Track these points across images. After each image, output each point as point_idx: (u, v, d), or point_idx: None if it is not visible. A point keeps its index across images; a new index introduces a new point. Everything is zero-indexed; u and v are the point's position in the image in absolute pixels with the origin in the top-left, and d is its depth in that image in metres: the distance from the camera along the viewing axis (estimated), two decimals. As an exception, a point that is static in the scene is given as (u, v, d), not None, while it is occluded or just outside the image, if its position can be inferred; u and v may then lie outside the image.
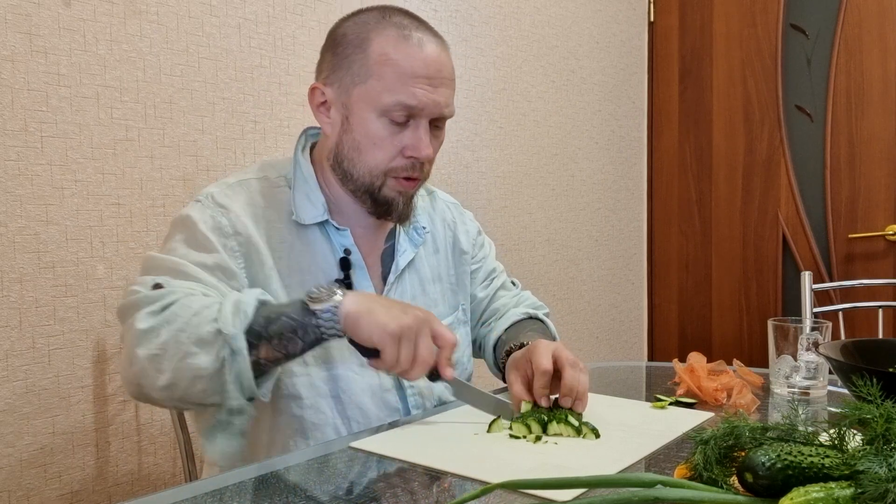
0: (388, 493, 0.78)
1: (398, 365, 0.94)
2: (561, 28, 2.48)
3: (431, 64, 1.07)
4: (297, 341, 0.94)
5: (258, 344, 0.92)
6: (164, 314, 0.92)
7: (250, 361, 0.91)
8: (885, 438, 0.64)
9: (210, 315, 0.91)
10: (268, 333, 0.92)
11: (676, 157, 2.89)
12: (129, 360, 0.93)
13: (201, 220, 1.05)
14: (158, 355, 0.91)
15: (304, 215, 1.11)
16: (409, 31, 1.07)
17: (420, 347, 0.94)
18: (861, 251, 2.52)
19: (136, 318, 0.93)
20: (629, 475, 0.70)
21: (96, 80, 1.35)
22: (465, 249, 1.30)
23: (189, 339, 0.90)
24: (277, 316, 0.93)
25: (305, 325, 0.93)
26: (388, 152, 1.08)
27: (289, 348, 0.94)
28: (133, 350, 0.92)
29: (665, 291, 2.96)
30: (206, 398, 0.93)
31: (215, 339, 0.90)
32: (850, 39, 2.49)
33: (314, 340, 0.95)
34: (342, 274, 1.12)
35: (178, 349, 0.90)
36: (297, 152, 1.16)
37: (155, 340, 0.91)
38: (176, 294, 0.94)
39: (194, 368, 0.90)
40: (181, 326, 0.91)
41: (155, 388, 0.92)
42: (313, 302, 0.93)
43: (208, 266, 1.02)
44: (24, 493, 1.29)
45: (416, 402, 1.14)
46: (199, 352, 0.90)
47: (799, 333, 1.15)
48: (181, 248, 1.03)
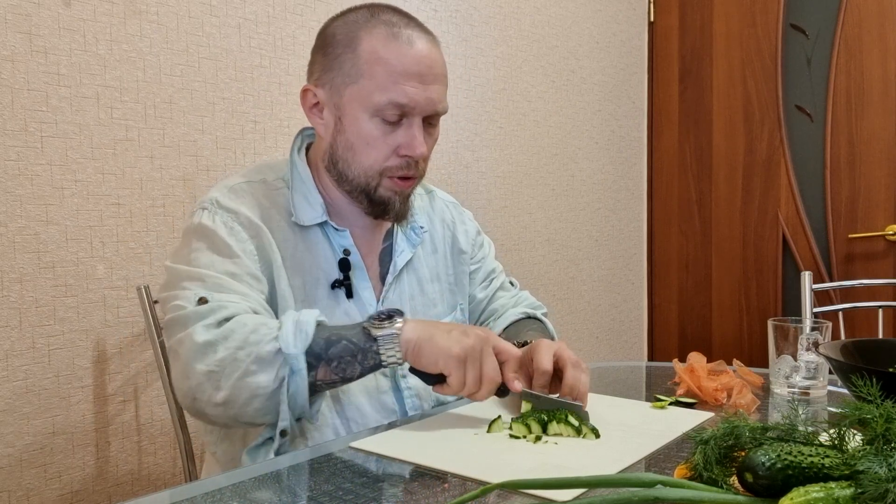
0: (389, 494, 0.78)
1: (466, 387, 0.95)
2: (561, 28, 2.48)
3: (422, 61, 1.06)
4: (355, 365, 0.95)
5: (317, 365, 0.93)
6: (220, 329, 0.93)
7: (308, 382, 0.92)
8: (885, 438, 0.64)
9: (270, 334, 0.92)
10: (328, 356, 0.93)
11: (676, 157, 2.89)
12: (185, 374, 0.94)
13: (217, 228, 1.05)
14: (216, 371, 0.91)
15: (304, 217, 1.11)
16: (399, 29, 1.07)
17: (485, 367, 0.96)
18: (861, 251, 2.52)
19: (194, 331, 0.93)
20: (629, 475, 0.70)
21: (96, 80, 1.35)
22: (463, 249, 1.30)
23: (248, 356, 0.91)
24: (338, 339, 0.94)
25: (366, 351, 0.94)
26: (382, 152, 1.08)
27: (347, 372, 0.95)
28: (191, 364, 0.92)
29: (665, 291, 2.96)
30: (258, 417, 0.94)
31: (275, 357, 0.91)
32: (850, 39, 2.49)
33: (373, 366, 0.96)
34: (342, 275, 1.12)
35: (237, 367, 0.91)
36: (294, 153, 1.16)
37: (213, 356, 0.92)
38: (228, 309, 0.95)
39: (253, 387, 0.91)
40: (239, 344, 0.92)
41: (210, 403, 0.93)
42: (374, 328, 0.94)
43: (237, 275, 1.02)
44: (24, 493, 1.29)
45: (413, 403, 1.14)
46: (259, 370, 0.91)
47: (799, 333, 1.15)
48: (204, 256, 1.03)
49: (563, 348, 1.06)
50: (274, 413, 0.94)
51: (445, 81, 1.11)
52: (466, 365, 0.94)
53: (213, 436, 1.11)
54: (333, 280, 1.11)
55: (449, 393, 0.98)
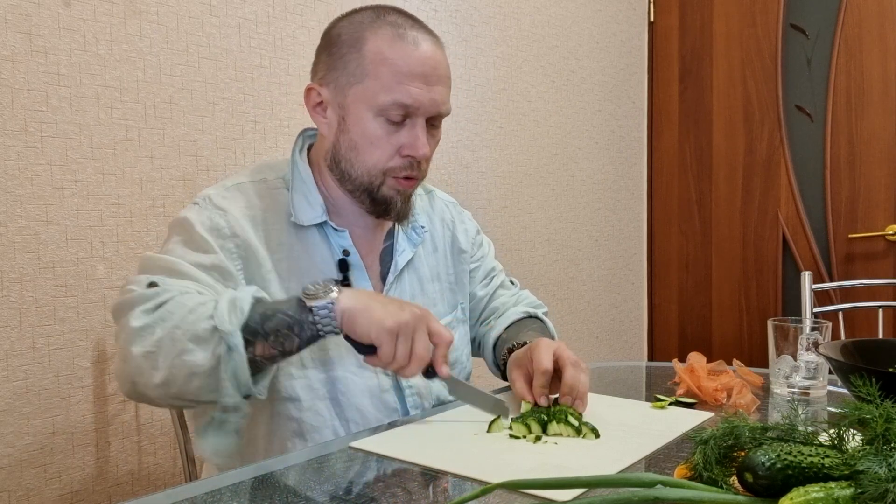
0: (388, 494, 0.78)
1: (394, 361, 0.94)
2: (561, 28, 2.48)
3: (427, 62, 1.07)
4: (293, 338, 0.93)
5: (254, 341, 0.92)
6: (158, 312, 0.92)
7: (247, 359, 0.90)
8: (885, 438, 0.64)
9: (206, 312, 0.91)
10: (264, 330, 0.92)
11: (676, 157, 2.89)
12: (124, 358, 0.93)
13: (198, 222, 1.05)
14: (153, 353, 0.90)
15: (303, 217, 1.11)
16: (404, 30, 1.07)
17: (416, 344, 0.94)
18: (861, 251, 2.52)
19: (131, 315, 0.92)
20: (629, 475, 0.70)
21: (96, 80, 1.35)
22: (463, 248, 1.30)
23: (185, 335, 0.90)
24: (273, 313, 0.93)
25: (302, 322, 0.93)
26: (385, 152, 1.08)
27: (285, 345, 0.94)
28: (127, 348, 0.91)
29: (665, 291, 2.96)
30: (201, 395, 0.92)
31: (211, 335, 0.90)
32: (850, 39, 2.49)
33: (310, 337, 0.94)
34: (341, 275, 1.12)
35: (174, 346, 0.90)
36: (295, 153, 1.16)
37: (150, 338, 0.91)
38: (171, 292, 0.94)
39: (190, 365, 0.89)
40: (176, 323, 0.90)
41: (150, 385, 0.91)
42: (309, 299, 0.93)
43: (205, 266, 1.01)
44: (24, 493, 1.29)
45: (414, 402, 1.14)
46: (195, 348, 0.90)
47: (799, 333, 1.15)
48: (178, 248, 1.03)
49: (562, 348, 1.06)
50: (215, 391, 0.91)
51: (449, 83, 1.12)
52: (398, 339, 0.93)
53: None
54: (332, 279, 1.11)
55: (377, 364, 0.96)
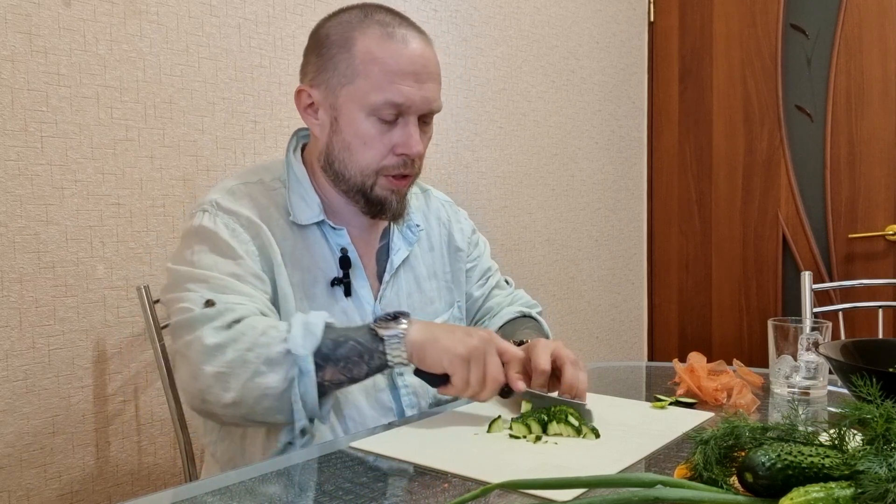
0: (389, 494, 0.78)
1: (469, 388, 0.96)
2: (561, 28, 2.48)
3: (417, 60, 1.07)
4: (362, 366, 0.96)
5: (325, 366, 0.94)
6: (230, 332, 0.94)
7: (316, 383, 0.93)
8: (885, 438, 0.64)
9: (279, 335, 0.93)
10: (335, 356, 0.95)
11: (676, 157, 2.89)
12: (194, 376, 0.94)
13: (218, 229, 1.05)
14: (226, 373, 0.92)
15: (301, 216, 1.11)
16: (393, 29, 1.07)
17: (489, 367, 0.96)
18: (861, 251, 2.52)
19: (203, 333, 0.94)
20: (629, 475, 0.70)
21: (96, 80, 1.35)
22: (460, 247, 1.31)
23: (258, 358, 0.92)
24: (345, 340, 0.96)
25: (372, 351, 0.95)
26: (378, 151, 1.08)
27: (354, 372, 0.96)
28: (200, 366, 0.93)
29: (665, 291, 2.96)
30: (269, 416, 0.95)
31: (284, 358, 0.92)
32: (850, 39, 2.49)
33: (379, 366, 0.97)
34: (341, 272, 1.12)
35: (246, 368, 0.92)
36: (289, 154, 1.17)
37: (222, 358, 0.93)
38: (236, 311, 0.96)
39: (263, 387, 0.92)
40: (248, 345, 0.93)
41: (220, 404, 0.94)
42: (381, 328, 0.96)
43: (241, 276, 1.03)
44: (24, 492, 1.29)
45: (410, 401, 1.15)
46: (268, 371, 0.92)
47: (799, 333, 1.15)
48: (207, 258, 1.03)
49: (560, 347, 1.07)
50: (284, 412, 0.95)
51: (439, 80, 1.12)
52: (470, 365, 0.95)
53: (212, 436, 1.12)
54: (332, 278, 1.12)
55: (453, 393, 0.99)
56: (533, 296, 1.43)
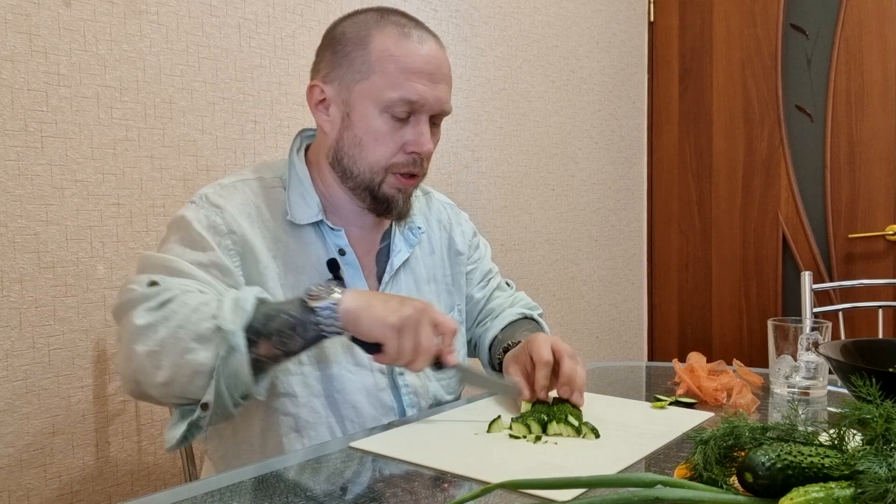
0: (388, 494, 0.78)
1: (401, 356, 0.94)
2: (561, 28, 2.48)
3: (432, 60, 1.09)
4: (296, 339, 0.94)
5: (257, 341, 0.92)
6: (161, 311, 0.92)
7: (249, 359, 0.91)
8: (885, 438, 0.64)
9: (209, 311, 0.91)
10: (267, 330, 0.92)
11: (676, 157, 2.89)
12: (127, 357, 0.93)
13: (195, 220, 1.05)
14: (157, 352, 0.90)
15: (299, 215, 1.11)
16: (409, 30, 1.09)
17: (422, 337, 0.95)
18: (861, 251, 2.52)
19: (134, 314, 0.92)
20: (629, 475, 0.70)
21: (96, 80, 1.35)
22: (460, 250, 1.31)
23: (188, 335, 0.90)
24: (277, 313, 0.93)
25: (305, 323, 0.93)
26: (389, 148, 1.09)
27: (288, 346, 0.94)
28: (131, 346, 0.92)
29: (665, 291, 2.96)
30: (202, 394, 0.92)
31: (214, 335, 0.90)
32: (850, 39, 2.49)
33: (314, 338, 0.95)
34: (331, 275, 1.12)
35: (177, 345, 0.90)
36: (293, 153, 1.17)
37: (153, 337, 0.91)
38: (173, 291, 0.94)
39: (193, 364, 0.90)
40: (180, 323, 0.91)
41: (153, 384, 0.92)
42: (312, 300, 0.94)
43: (203, 264, 1.02)
44: (24, 492, 1.29)
45: (410, 400, 1.14)
46: (199, 347, 0.90)
47: (799, 333, 1.15)
48: (176, 247, 1.04)
49: (558, 341, 1.08)
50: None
51: (451, 83, 1.14)
52: (402, 334, 0.93)
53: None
54: (328, 279, 1.11)
55: (385, 362, 0.97)
56: (533, 296, 1.43)
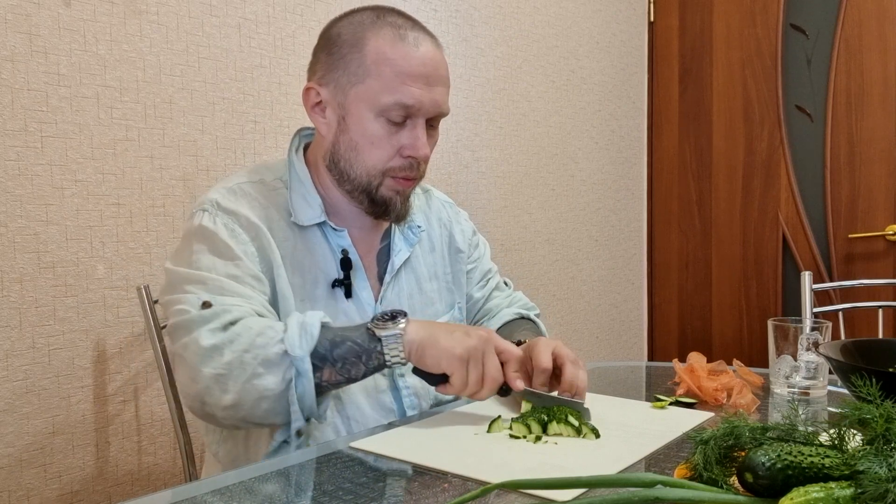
0: (389, 494, 0.78)
1: (468, 387, 0.96)
2: (561, 28, 2.48)
3: (428, 63, 1.07)
4: (360, 366, 0.96)
5: (322, 367, 0.94)
6: (226, 333, 0.94)
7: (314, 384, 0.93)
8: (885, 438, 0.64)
9: (275, 336, 0.93)
10: (332, 357, 0.95)
11: (676, 157, 2.89)
12: (193, 378, 0.94)
13: (217, 230, 1.05)
14: (224, 375, 0.92)
15: (302, 217, 1.11)
16: (405, 31, 1.08)
17: (488, 367, 0.96)
18: (861, 251, 2.52)
19: (199, 334, 0.94)
20: (629, 475, 0.70)
21: (96, 80, 1.35)
22: (460, 248, 1.31)
23: (255, 359, 0.92)
24: (343, 340, 0.95)
25: (370, 352, 0.95)
26: (386, 152, 1.08)
27: (352, 373, 0.96)
28: (198, 368, 0.93)
29: (665, 291, 2.96)
30: (268, 418, 0.95)
31: (282, 360, 0.92)
32: (850, 39, 2.49)
33: (377, 366, 0.97)
34: (342, 274, 1.12)
35: (244, 370, 0.92)
36: (291, 153, 1.16)
37: (219, 360, 0.92)
38: (233, 313, 0.96)
39: (260, 389, 0.92)
40: (245, 347, 0.92)
41: (219, 406, 0.94)
42: (378, 328, 0.96)
43: (239, 277, 1.02)
44: (24, 492, 1.29)
45: (411, 402, 1.14)
46: (266, 373, 0.92)
47: (799, 333, 1.15)
48: (205, 259, 1.03)
49: (560, 346, 1.07)
50: (282, 414, 0.95)
51: (448, 84, 1.12)
52: (469, 365, 0.95)
53: (215, 436, 1.11)
54: (333, 280, 1.11)
55: (452, 392, 0.99)
56: (533, 296, 1.43)
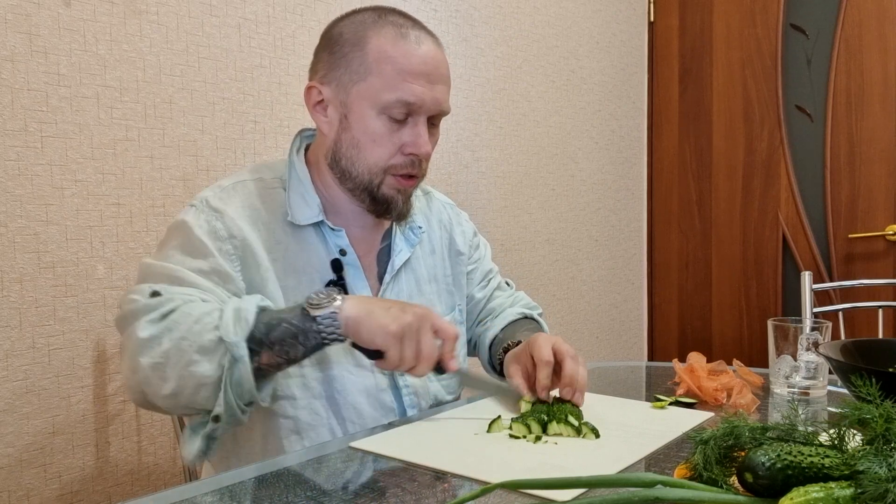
0: (388, 494, 0.78)
1: (403, 363, 0.95)
2: (561, 28, 2.48)
3: (429, 61, 1.08)
4: (298, 347, 0.95)
5: (260, 350, 0.93)
6: (164, 322, 0.93)
7: (252, 368, 0.92)
8: (885, 438, 0.64)
9: (211, 322, 0.92)
10: (269, 340, 0.93)
11: (676, 157, 2.89)
12: (132, 369, 0.94)
13: (196, 225, 1.05)
14: (161, 364, 0.91)
15: (300, 216, 1.11)
16: (407, 30, 1.08)
17: (423, 343, 0.95)
18: (861, 251, 2.52)
19: (137, 326, 0.93)
20: (629, 475, 0.70)
21: (96, 80, 1.35)
22: (461, 250, 1.31)
23: (191, 347, 0.91)
24: (278, 322, 0.94)
25: (307, 331, 0.94)
26: (387, 149, 1.08)
27: (290, 354, 0.95)
28: (136, 359, 0.93)
29: (665, 291, 2.96)
30: (209, 405, 0.94)
31: (217, 346, 0.91)
32: (850, 39, 2.49)
33: (315, 346, 0.96)
34: (335, 275, 1.12)
35: (181, 357, 0.91)
36: (292, 153, 1.17)
37: (157, 349, 0.92)
38: (175, 301, 0.95)
39: (198, 376, 0.91)
40: (183, 334, 0.92)
41: (159, 396, 0.93)
42: (313, 308, 0.94)
43: (205, 271, 1.02)
44: (24, 492, 1.29)
45: (411, 401, 1.14)
46: (202, 360, 0.91)
47: (799, 333, 1.15)
48: (177, 254, 1.03)
49: (560, 342, 1.08)
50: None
51: (449, 83, 1.13)
52: (404, 341, 0.94)
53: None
54: (328, 281, 1.11)
55: (387, 368, 0.98)
56: (533, 296, 1.43)
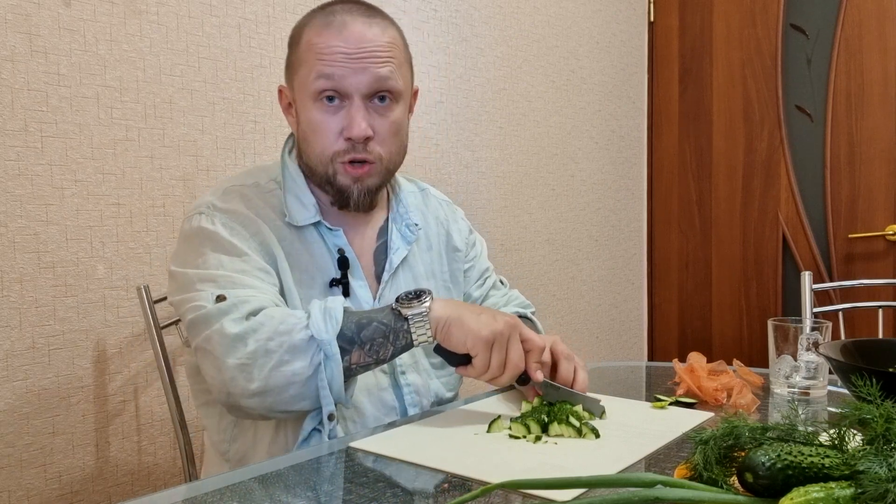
0: (388, 494, 0.78)
1: (489, 371, 0.97)
2: (561, 28, 2.48)
3: (351, 41, 1.06)
4: (388, 346, 0.97)
5: (350, 349, 0.95)
6: (249, 323, 0.95)
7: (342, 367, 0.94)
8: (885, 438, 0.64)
9: (298, 323, 0.94)
10: (360, 339, 0.95)
11: (676, 157, 2.89)
12: (218, 368, 0.96)
13: (218, 229, 1.06)
14: (248, 364, 0.93)
15: (297, 217, 1.11)
16: (334, 17, 1.07)
17: (512, 352, 0.97)
18: (861, 251, 2.52)
19: (223, 324, 0.95)
20: (629, 475, 0.70)
21: (96, 80, 1.35)
22: (458, 247, 1.31)
23: (280, 346, 0.93)
24: (369, 321, 0.96)
25: (397, 331, 0.96)
26: (327, 137, 1.09)
27: (380, 354, 0.97)
28: (222, 359, 0.94)
29: (665, 291, 2.96)
30: (295, 404, 0.96)
31: (309, 345, 0.93)
32: (850, 39, 2.49)
33: (405, 346, 0.98)
34: (339, 273, 1.12)
35: (269, 357, 0.93)
36: (284, 155, 1.17)
37: (243, 349, 0.94)
38: (251, 303, 0.97)
39: (288, 375, 0.93)
40: (269, 335, 0.93)
41: (244, 395, 0.95)
42: (404, 307, 0.96)
43: (247, 271, 1.03)
44: (24, 492, 1.29)
45: (412, 400, 1.15)
46: (293, 359, 0.93)
47: (799, 333, 1.15)
48: (212, 258, 1.04)
49: (557, 342, 1.08)
50: (309, 399, 0.96)
51: (390, 59, 1.08)
52: (493, 349, 0.96)
53: (225, 435, 1.12)
54: (331, 279, 1.12)
55: (472, 375, 0.99)
56: (533, 296, 1.43)
